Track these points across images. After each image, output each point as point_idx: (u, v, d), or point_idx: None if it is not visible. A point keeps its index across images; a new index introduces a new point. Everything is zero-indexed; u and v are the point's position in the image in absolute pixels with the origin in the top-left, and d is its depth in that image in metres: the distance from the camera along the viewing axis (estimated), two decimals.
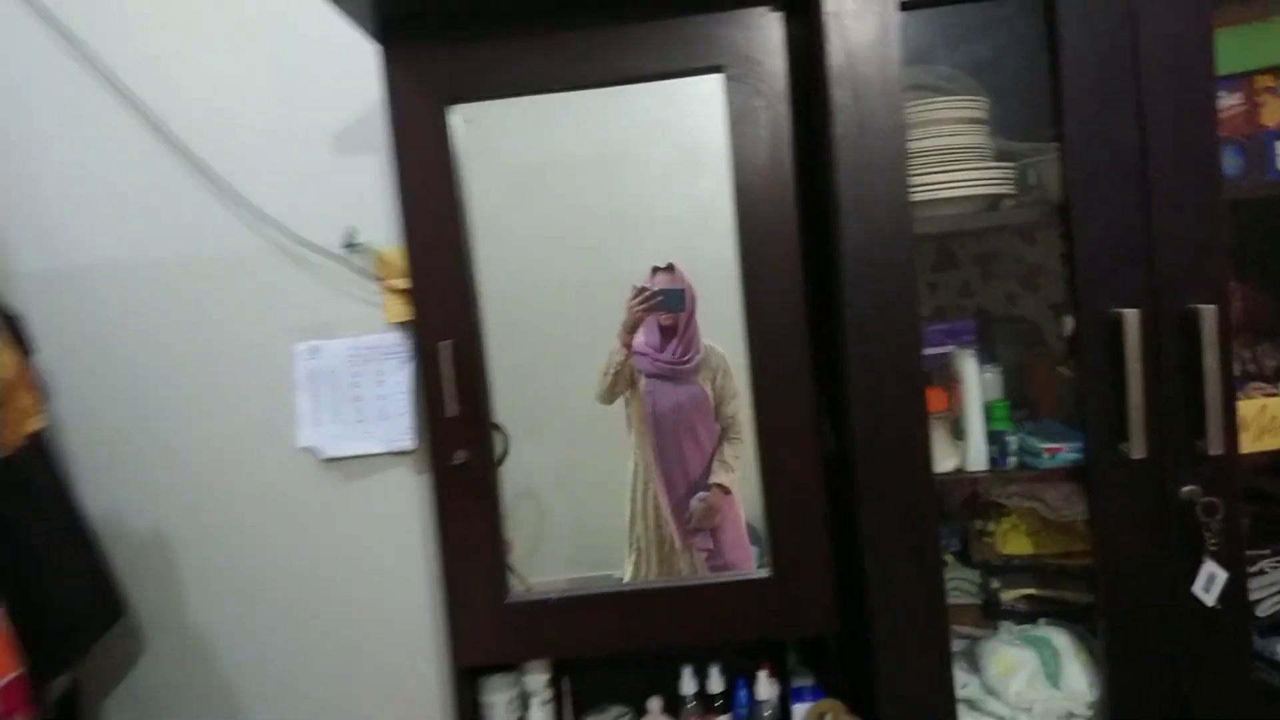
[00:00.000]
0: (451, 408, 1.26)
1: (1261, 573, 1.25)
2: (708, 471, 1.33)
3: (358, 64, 1.49)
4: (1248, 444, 1.14)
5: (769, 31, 1.20)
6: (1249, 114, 1.20)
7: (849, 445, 1.18)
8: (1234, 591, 1.10)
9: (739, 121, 1.21)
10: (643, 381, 1.32)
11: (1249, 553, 1.17)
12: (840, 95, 1.08)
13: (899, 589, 1.15)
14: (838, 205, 1.10)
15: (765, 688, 1.39)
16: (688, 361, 1.31)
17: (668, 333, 1.31)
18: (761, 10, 1.19)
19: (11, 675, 1.09)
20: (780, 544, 1.26)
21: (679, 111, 1.26)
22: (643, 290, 1.29)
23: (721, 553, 1.35)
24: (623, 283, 1.29)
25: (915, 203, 1.11)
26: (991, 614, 1.32)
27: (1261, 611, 1.23)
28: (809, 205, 1.21)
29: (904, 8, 1.07)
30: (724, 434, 1.32)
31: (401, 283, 1.51)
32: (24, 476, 1.26)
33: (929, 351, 1.20)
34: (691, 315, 1.31)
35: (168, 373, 1.58)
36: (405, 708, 1.60)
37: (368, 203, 1.55)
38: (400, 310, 1.54)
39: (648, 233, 1.29)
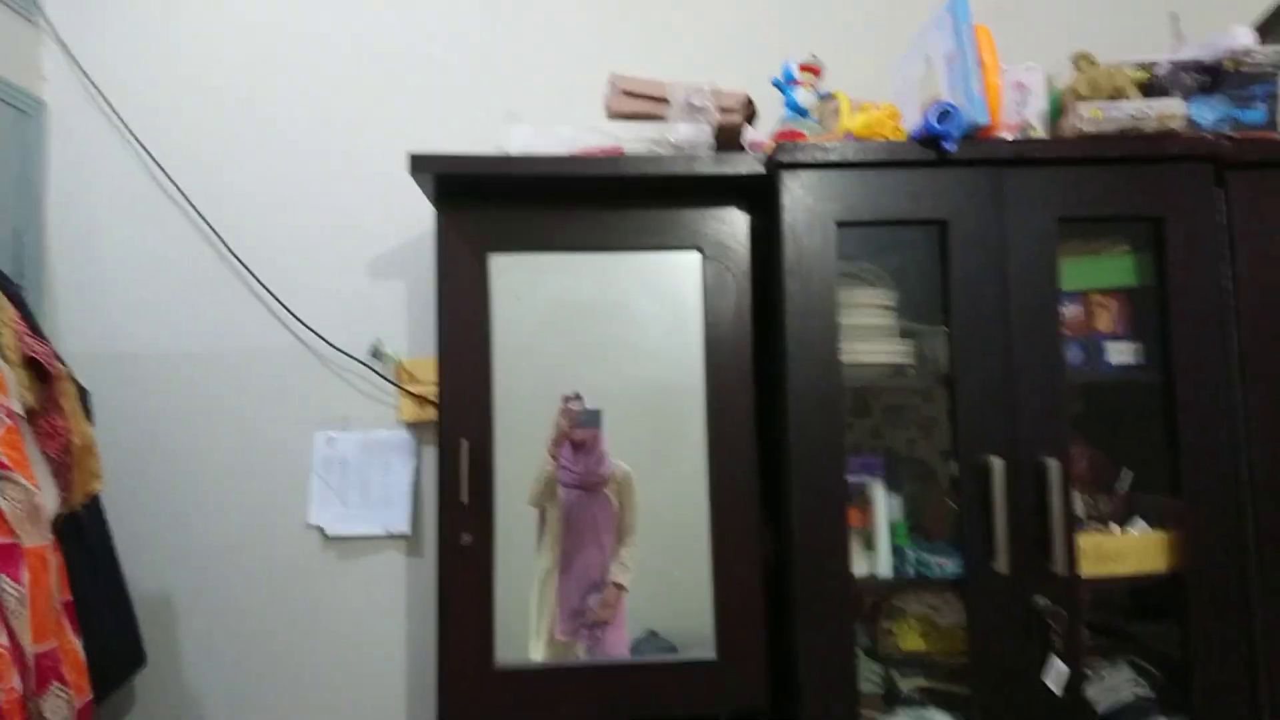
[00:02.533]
0: (463, 496, 1.52)
1: (1101, 678, 1.58)
2: (606, 571, 1.57)
3: (398, 203, 1.83)
4: (1087, 569, 1.49)
5: (738, 226, 1.59)
6: (1086, 320, 1.62)
7: (787, 552, 1.49)
8: (1074, 682, 1.42)
9: (711, 291, 1.58)
10: (560, 491, 1.58)
11: (1093, 661, 1.51)
12: (792, 283, 1.45)
13: (824, 670, 1.42)
14: (786, 361, 1.45)
15: None
16: (599, 474, 1.59)
17: (580, 449, 1.59)
18: (734, 209, 1.58)
19: (87, 699, 1.26)
20: (727, 632, 1.53)
21: (666, 276, 1.61)
22: (568, 408, 1.58)
23: (603, 644, 1.56)
24: (605, 404, 1.59)
25: (843, 364, 1.47)
26: (891, 701, 1.61)
27: (1100, 708, 1.55)
28: (761, 358, 1.57)
29: (840, 225, 1.47)
30: (622, 539, 1.58)
31: (417, 388, 1.80)
32: (84, 530, 1.45)
33: (850, 479, 1.52)
34: (598, 435, 1.58)
35: (200, 451, 1.79)
36: None
37: (394, 319, 1.85)
38: (413, 412, 1.81)
39: (634, 365, 1.61)
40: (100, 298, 1.81)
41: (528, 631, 1.55)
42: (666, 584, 1.57)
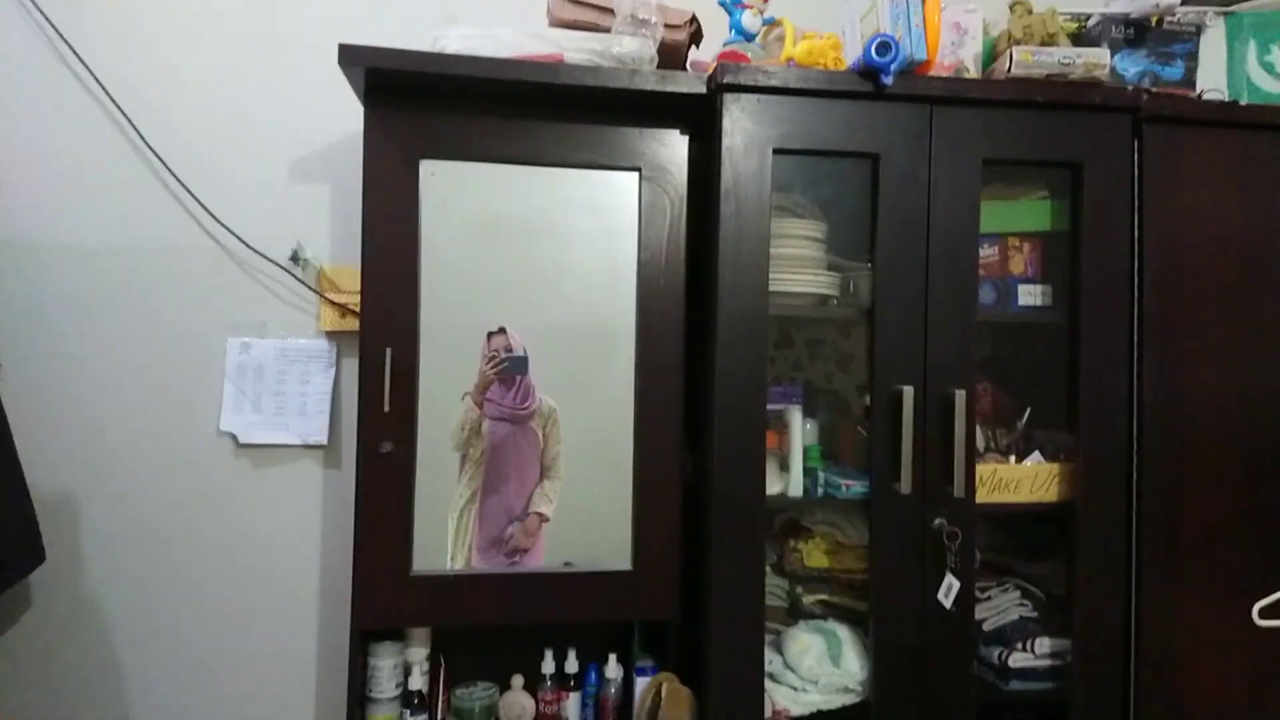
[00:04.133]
0: (385, 405, 1.51)
1: (989, 598, 1.69)
2: (529, 502, 1.58)
3: (326, 102, 1.75)
4: (984, 496, 1.58)
5: (677, 148, 1.58)
6: (1002, 262, 1.69)
7: (705, 470, 1.53)
8: (964, 599, 1.52)
9: (648, 211, 1.58)
10: (486, 423, 1.57)
11: (980, 583, 1.61)
12: (726, 207, 1.47)
13: (733, 583, 1.48)
14: (717, 286, 1.47)
15: (613, 669, 1.68)
16: (526, 408, 1.60)
17: (508, 383, 1.58)
18: (673, 132, 1.58)
19: None
20: (642, 544, 1.58)
21: (602, 196, 1.59)
22: (494, 356, 1.57)
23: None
24: (537, 329, 1.58)
25: (771, 292, 1.49)
26: (794, 614, 1.69)
27: (986, 625, 1.66)
28: (693, 282, 1.59)
29: (776, 152, 1.48)
30: (545, 472, 1.59)
31: (340, 297, 1.76)
32: None
33: (770, 407, 1.57)
34: (527, 369, 1.57)
35: (106, 348, 1.71)
36: (290, 669, 1.77)
37: (315, 224, 1.78)
38: (333, 320, 1.77)
39: (567, 287, 1.60)
40: (4, 184, 1.68)
41: (445, 547, 1.56)
42: (587, 515, 1.59)
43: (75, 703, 1.71)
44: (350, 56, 1.42)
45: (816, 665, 1.55)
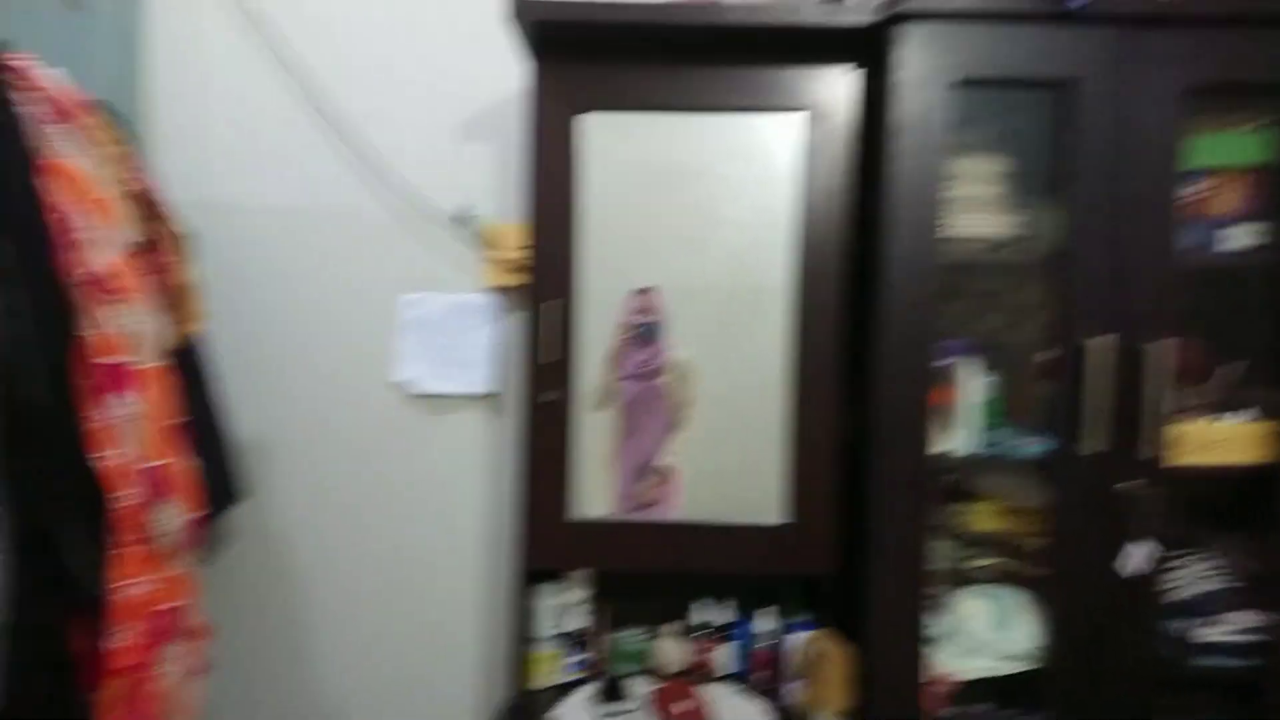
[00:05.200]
0: (548, 355, 1.54)
1: (1177, 568, 1.56)
2: (657, 455, 1.58)
3: (491, 65, 1.80)
4: (1179, 457, 1.44)
5: (844, 87, 1.51)
6: (1207, 201, 1.52)
7: (867, 425, 1.48)
8: (1149, 568, 1.40)
9: (810, 154, 1.52)
10: (619, 382, 1.58)
11: (1169, 552, 1.48)
12: (898, 146, 1.39)
13: (896, 543, 1.43)
14: (885, 230, 1.40)
15: (767, 622, 1.67)
16: (654, 366, 1.58)
17: (639, 345, 1.57)
18: (840, 69, 1.51)
19: (199, 513, 1.35)
20: (798, 498, 1.55)
21: (760, 140, 1.55)
22: (627, 324, 1.56)
23: None
24: (688, 280, 1.57)
25: (945, 237, 1.41)
26: (959, 579, 1.62)
27: (1173, 597, 1.53)
28: (856, 228, 1.52)
29: (954, 85, 1.39)
30: (675, 427, 1.57)
31: (502, 254, 1.81)
32: (188, 367, 1.51)
33: (937, 363, 1.49)
34: (661, 335, 1.56)
35: (295, 305, 1.85)
36: (456, 605, 1.87)
37: (481, 183, 1.84)
38: (497, 276, 1.82)
39: (722, 235, 1.58)
40: (199, 146, 1.83)
41: (599, 494, 1.59)
42: (732, 468, 1.57)
43: (269, 623, 1.88)
44: (520, 10, 1.44)
45: (984, 631, 1.49)
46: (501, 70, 1.78)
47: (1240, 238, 1.50)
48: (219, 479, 1.60)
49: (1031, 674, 1.47)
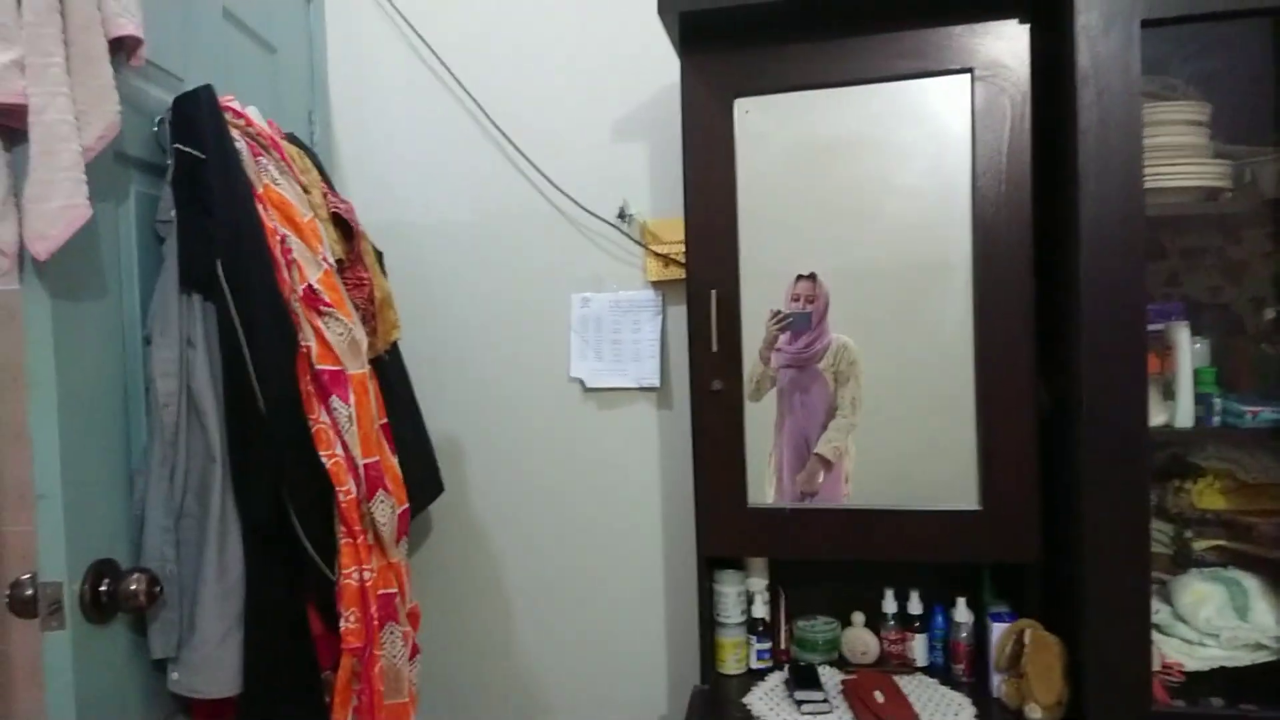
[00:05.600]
0: (713, 345, 1.55)
1: None
2: (815, 444, 1.53)
3: (640, 63, 1.84)
4: None
5: (1016, 40, 1.42)
6: None
7: (1070, 399, 1.37)
8: None
9: (983, 114, 1.44)
10: (774, 371, 1.54)
11: None
12: (1086, 95, 1.29)
13: (1111, 524, 1.32)
14: (1077, 187, 1.30)
15: (962, 612, 1.60)
16: (809, 353, 1.53)
17: (794, 332, 1.53)
18: (1011, 22, 1.42)
19: (404, 506, 1.46)
20: (992, 481, 1.46)
21: (927, 104, 1.48)
22: (778, 313, 1.52)
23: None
24: (855, 260, 1.51)
25: (1145, 189, 1.29)
26: (1181, 562, 1.48)
27: None
28: (1040, 189, 1.42)
29: (1145, 24, 1.27)
30: (834, 413, 1.52)
31: (662, 248, 1.83)
32: (389, 374, 1.64)
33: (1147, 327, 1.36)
34: (821, 320, 1.52)
35: (474, 309, 1.96)
36: (642, 593, 1.92)
37: (637, 180, 1.87)
38: (658, 271, 1.85)
39: (891, 208, 1.52)
40: (380, 171, 1.98)
41: (769, 482, 1.57)
42: (917, 452, 1.50)
43: (466, 611, 1.99)
44: (667, 4, 1.46)
45: (1217, 617, 1.35)
46: (655, 64, 1.81)
47: None
48: (420, 474, 1.72)
49: (1273, 665, 1.32)
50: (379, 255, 1.71)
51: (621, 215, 1.86)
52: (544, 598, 1.96)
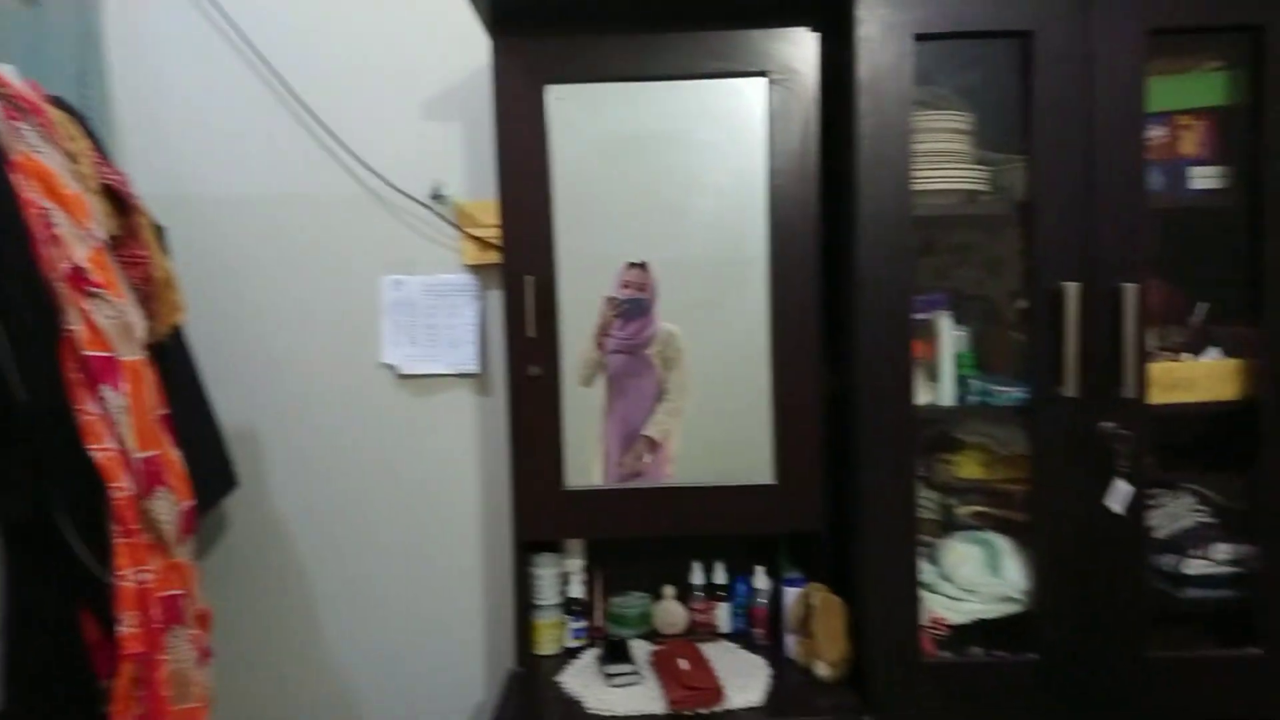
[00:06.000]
0: (530, 330, 1.56)
1: (1162, 505, 1.60)
2: (643, 426, 1.60)
3: (455, 42, 1.80)
4: (1157, 396, 1.47)
5: (806, 47, 1.52)
6: (1171, 144, 1.55)
7: (850, 382, 1.50)
8: (1135, 504, 1.44)
9: (777, 116, 1.53)
10: (605, 356, 1.60)
11: (1151, 489, 1.52)
12: (865, 102, 1.40)
13: (884, 494, 1.46)
14: (856, 187, 1.42)
15: (761, 580, 1.71)
16: (640, 339, 1.59)
17: (626, 319, 1.59)
18: (802, 30, 1.52)
19: (190, 503, 1.36)
20: (785, 458, 1.58)
21: (729, 104, 1.56)
22: (613, 300, 1.58)
23: None
24: (667, 249, 1.57)
25: (915, 190, 1.43)
26: (947, 527, 1.65)
27: (1160, 533, 1.57)
28: (828, 188, 1.54)
29: (918, 39, 1.40)
30: (662, 397, 1.60)
31: (479, 231, 1.81)
32: (170, 360, 1.51)
33: (914, 317, 1.51)
34: (651, 308, 1.59)
35: (274, 292, 1.85)
36: (458, 580, 1.90)
37: (452, 161, 1.84)
38: (475, 254, 1.83)
39: (697, 203, 1.59)
40: (165, 141, 1.82)
41: (593, 465, 1.61)
42: (725, 432, 1.60)
43: (270, 611, 1.89)
44: None
45: (975, 574, 1.52)
46: (470, 43, 1.77)
47: (1206, 179, 1.52)
48: (208, 469, 1.61)
49: (1021, 616, 1.51)
50: (160, 231, 1.58)
51: (435, 196, 1.82)
52: (353, 593, 1.89)
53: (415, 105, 1.83)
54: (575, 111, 1.56)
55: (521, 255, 1.57)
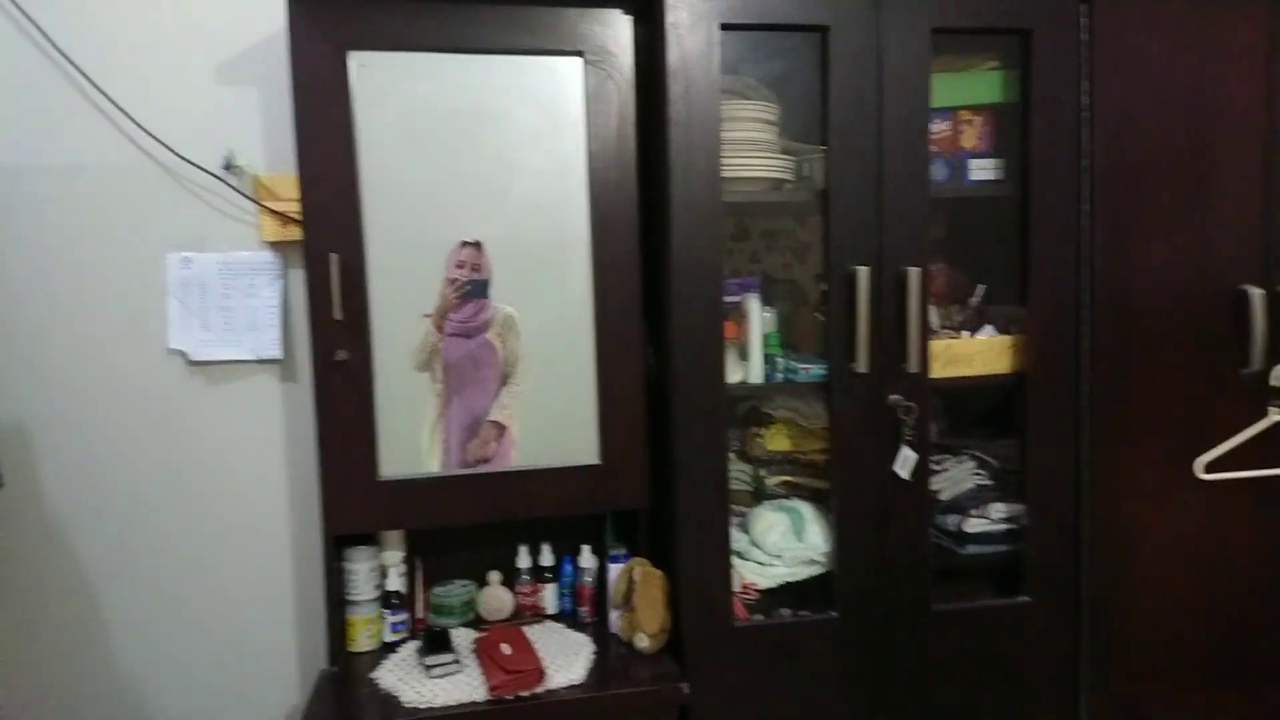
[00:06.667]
0: (336, 312, 1.48)
1: (945, 470, 1.75)
2: (488, 411, 1.59)
3: (251, 1, 1.65)
4: (937, 370, 1.61)
5: (620, 29, 1.52)
6: (954, 138, 1.68)
7: (666, 362, 1.53)
8: (920, 470, 1.57)
9: (594, 99, 1.53)
10: (442, 340, 1.55)
11: (936, 456, 1.67)
12: (675, 87, 1.42)
13: (698, 468, 1.51)
14: (668, 172, 1.44)
15: (587, 559, 1.73)
16: (478, 321, 1.56)
17: (464, 301, 1.55)
18: (616, 11, 1.52)
19: None
20: (609, 438, 1.60)
21: (545, 83, 1.53)
22: (455, 280, 1.53)
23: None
24: (488, 230, 1.53)
25: (724, 178, 1.47)
26: (759, 497, 1.74)
27: (942, 496, 1.72)
28: (645, 171, 1.55)
29: (724, 28, 1.43)
30: (505, 380, 1.58)
31: (279, 205, 1.69)
32: None
33: (727, 299, 1.56)
34: (485, 291, 1.55)
35: (44, 271, 1.65)
36: (266, 579, 1.78)
37: (247, 130, 1.70)
38: (275, 230, 1.71)
39: (516, 183, 1.55)
40: None
41: (417, 454, 1.55)
42: (555, 414, 1.59)
43: (49, 622, 1.71)
44: None
45: (781, 540, 1.61)
46: (264, 4, 1.65)
47: (984, 170, 1.66)
48: None
49: (823, 577, 1.62)
50: None
51: (228, 167, 1.68)
52: (146, 599, 1.74)
53: (206, 68, 1.68)
54: (382, 81, 1.49)
55: (325, 232, 1.48)
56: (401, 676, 1.50)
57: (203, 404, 1.73)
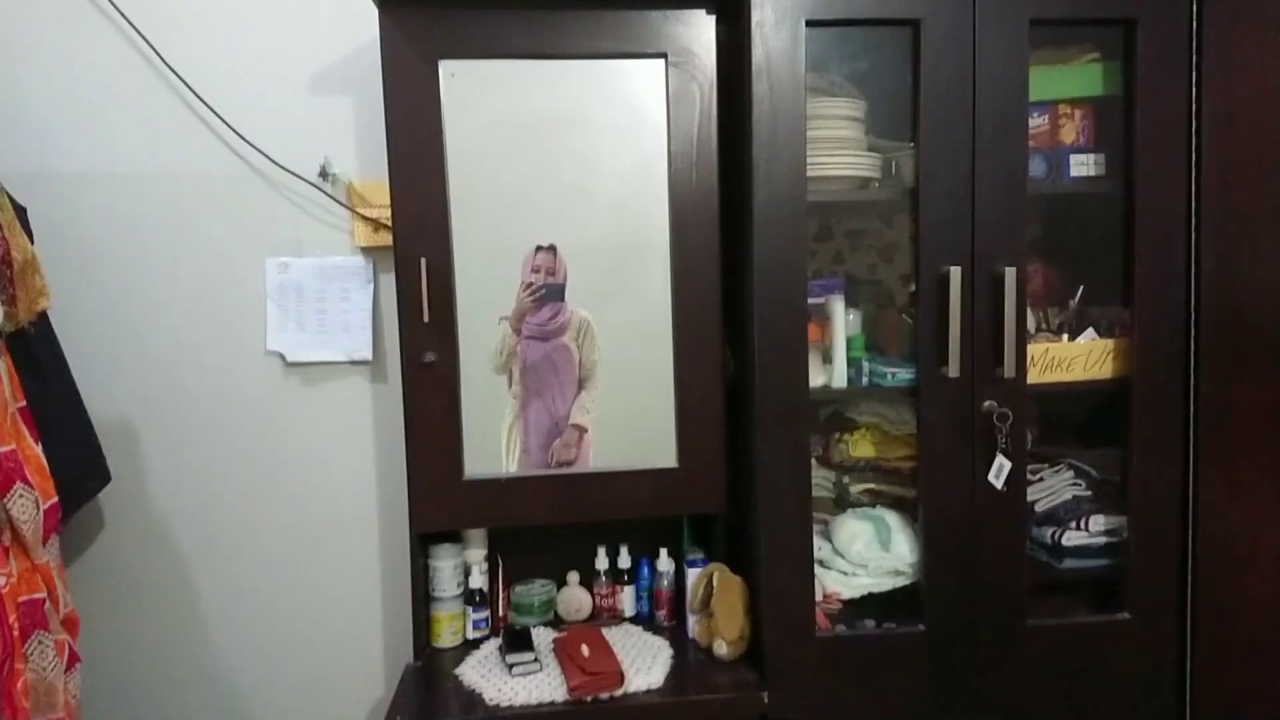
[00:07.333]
0: (425, 315, 1.51)
1: (1040, 479, 1.67)
2: (569, 415, 1.59)
3: (343, 13, 1.71)
4: (1034, 376, 1.54)
5: (704, 30, 1.52)
6: (1052, 132, 1.61)
7: (746, 366, 1.51)
8: (1016, 479, 1.50)
9: (676, 100, 1.52)
10: (521, 344, 1.57)
11: (1032, 465, 1.60)
12: (759, 87, 1.41)
13: (779, 474, 1.48)
14: (752, 173, 1.42)
15: (664, 562, 1.72)
16: (555, 325, 1.57)
17: (541, 304, 1.57)
18: (699, 12, 1.51)
19: (52, 500, 1.27)
20: (686, 441, 1.58)
21: (628, 85, 1.54)
22: (531, 284, 1.55)
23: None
24: (568, 233, 1.54)
25: (809, 176, 1.44)
26: (842, 504, 1.70)
27: (1039, 507, 1.65)
28: (727, 172, 1.54)
29: (809, 24, 1.41)
30: (583, 385, 1.58)
31: (371, 212, 1.75)
32: (34, 349, 1.41)
33: (810, 301, 1.53)
34: (561, 294, 1.56)
35: (149, 275, 1.74)
36: (355, 574, 1.83)
37: (341, 138, 1.76)
38: (367, 236, 1.77)
39: (597, 185, 1.56)
40: (24, 114, 1.69)
41: (499, 454, 1.58)
42: (632, 418, 1.59)
43: (150, 612, 1.80)
44: None
45: (865, 550, 1.57)
46: (359, 15, 1.69)
47: (1084, 166, 1.58)
48: (76, 464, 1.51)
49: (909, 588, 1.57)
50: (21, 212, 1.47)
51: (323, 174, 1.75)
52: (240, 592, 1.82)
53: (302, 79, 1.75)
54: (470, 89, 1.51)
55: (414, 237, 1.51)
56: (484, 673, 1.52)
57: (298, 404, 1.79)
